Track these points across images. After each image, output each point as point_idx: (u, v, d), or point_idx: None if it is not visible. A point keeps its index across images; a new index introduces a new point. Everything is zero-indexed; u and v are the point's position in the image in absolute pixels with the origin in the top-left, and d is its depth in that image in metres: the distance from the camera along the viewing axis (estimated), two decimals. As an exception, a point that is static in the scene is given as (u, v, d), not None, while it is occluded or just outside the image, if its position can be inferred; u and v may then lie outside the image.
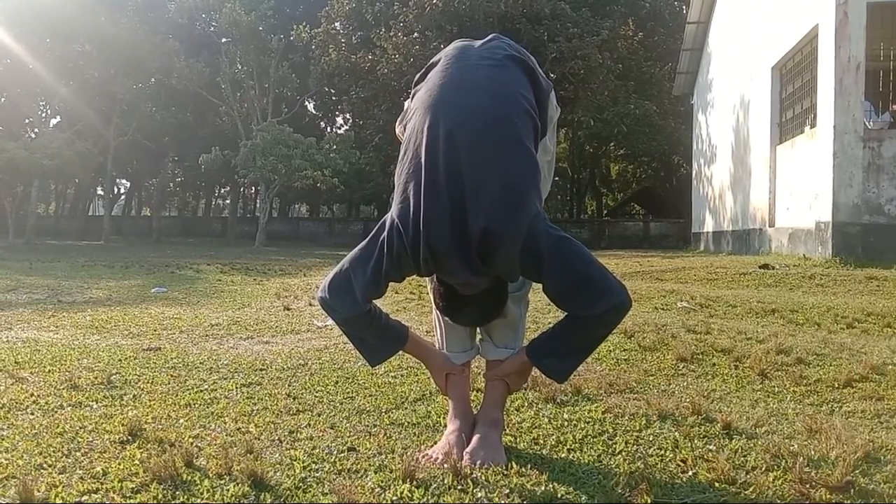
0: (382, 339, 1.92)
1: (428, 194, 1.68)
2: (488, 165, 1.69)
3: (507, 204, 1.66)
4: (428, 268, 1.73)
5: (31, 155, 19.96)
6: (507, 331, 2.04)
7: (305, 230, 34.28)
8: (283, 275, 9.52)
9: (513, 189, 1.68)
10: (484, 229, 1.64)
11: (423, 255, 1.69)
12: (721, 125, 16.63)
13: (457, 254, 1.67)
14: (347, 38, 29.62)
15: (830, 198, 9.13)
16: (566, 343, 1.80)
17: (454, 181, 1.67)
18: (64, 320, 4.79)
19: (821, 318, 4.72)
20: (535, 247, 1.66)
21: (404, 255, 1.72)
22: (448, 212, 1.66)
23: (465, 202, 1.66)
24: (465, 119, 1.75)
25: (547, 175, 2.06)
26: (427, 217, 1.67)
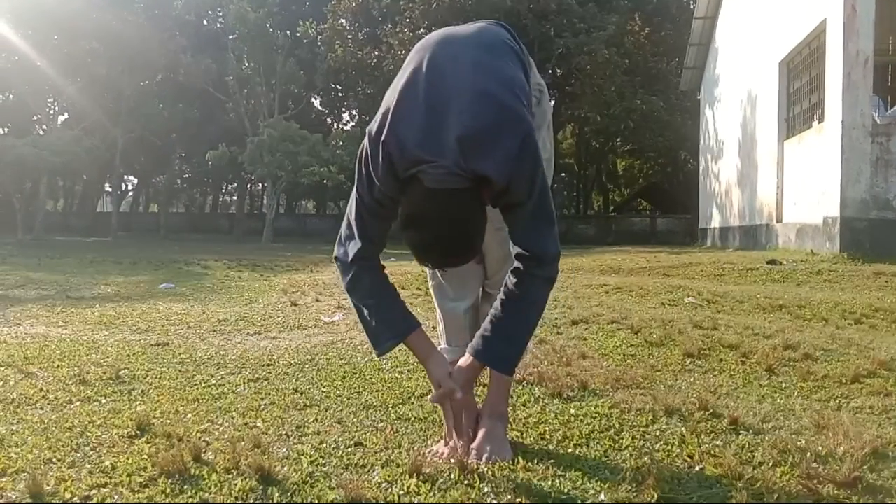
0: (385, 322, 1.86)
1: (403, 96, 1.69)
2: (470, 77, 1.68)
3: (491, 104, 1.65)
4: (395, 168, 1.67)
5: (40, 152, 20.05)
6: None
7: (312, 226, 34.32)
8: (291, 271, 9.54)
9: (495, 96, 1.67)
10: (463, 128, 1.62)
11: (392, 149, 1.65)
12: (728, 120, 16.56)
13: (430, 147, 1.63)
14: (354, 34, 29.64)
15: (838, 193, 9.09)
16: (504, 333, 1.77)
17: (433, 89, 1.67)
18: (73, 316, 4.81)
19: (828, 314, 4.70)
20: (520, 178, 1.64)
21: (375, 165, 1.70)
22: (423, 112, 1.65)
23: (445, 106, 1.64)
24: (449, 57, 1.75)
25: (546, 170, 2.06)
26: (398, 115, 1.67)
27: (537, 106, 1.95)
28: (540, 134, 1.97)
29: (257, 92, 26.20)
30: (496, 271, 2.08)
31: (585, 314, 4.37)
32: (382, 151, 1.68)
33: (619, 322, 4.04)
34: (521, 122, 1.66)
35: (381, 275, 1.87)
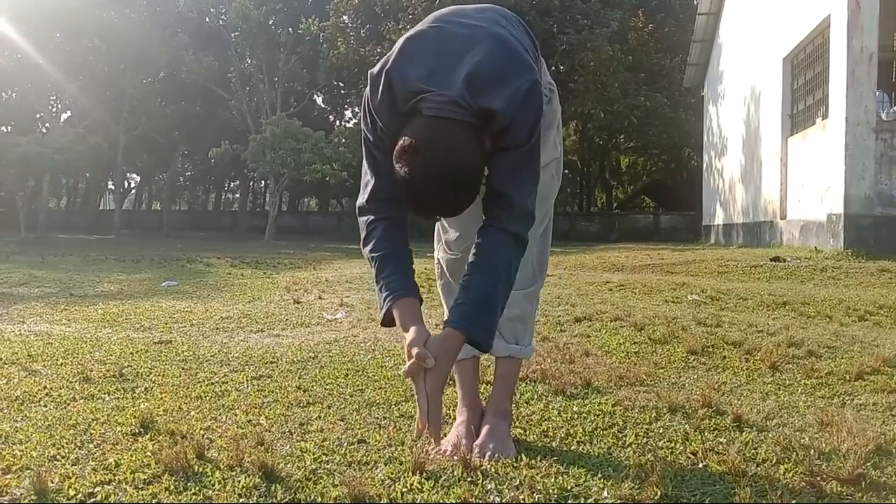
0: (386, 280, 1.74)
1: (409, 43, 1.70)
2: (483, 30, 1.70)
3: (505, 48, 1.66)
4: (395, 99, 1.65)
5: (42, 150, 20.08)
6: (517, 325, 2.03)
7: (315, 224, 34.33)
8: (293, 268, 9.55)
9: (509, 42, 1.68)
10: (474, 65, 1.61)
11: (394, 79, 1.64)
12: (732, 117, 16.53)
13: (435, 83, 1.60)
14: (356, 31, 29.62)
15: (842, 190, 9.07)
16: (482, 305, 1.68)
17: (444, 40, 1.68)
18: (76, 314, 4.82)
19: (832, 311, 4.69)
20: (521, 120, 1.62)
21: (375, 98, 1.69)
22: (431, 55, 1.65)
23: (454, 55, 1.64)
24: (460, 18, 1.76)
25: (555, 174, 2.05)
26: (403, 55, 1.67)
27: (548, 104, 1.94)
28: (550, 134, 1.97)
29: (259, 89, 26.23)
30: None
31: (588, 311, 4.37)
32: (384, 82, 1.66)
33: (623, 319, 4.04)
34: (531, 70, 1.66)
35: (397, 230, 1.80)
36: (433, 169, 1.54)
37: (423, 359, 1.57)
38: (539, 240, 2.05)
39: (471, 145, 1.59)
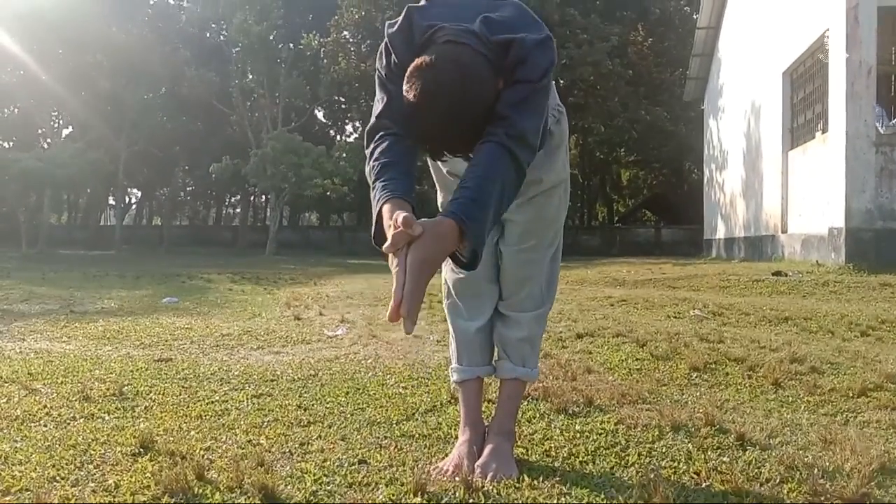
0: (389, 181, 1.62)
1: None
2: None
3: (520, 8, 1.70)
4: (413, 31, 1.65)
5: (44, 165, 20.17)
6: (525, 347, 2.02)
7: (316, 238, 34.32)
8: (294, 284, 9.54)
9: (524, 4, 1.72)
10: (489, 9, 1.65)
11: (413, 14, 1.66)
12: (732, 131, 16.56)
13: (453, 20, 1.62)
14: (357, 46, 29.78)
15: (843, 203, 9.06)
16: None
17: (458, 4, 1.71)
18: (76, 331, 4.82)
19: (834, 326, 4.68)
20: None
21: (392, 34, 1.70)
22: (455, 4, 1.69)
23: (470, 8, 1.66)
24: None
25: (563, 195, 2.04)
26: (428, 2, 1.71)
27: (556, 125, 1.94)
28: (559, 154, 1.97)
29: (261, 104, 26.33)
30: (513, 293, 2.03)
31: (590, 327, 4.36)
32: (403, 17, 1.67)
33: (625, 335, 4.03)
34: (547, 30, 1.67)
35: (405, 144, 1.68)
36: (442, 87, 1.49)
37: (409, 225, 1.38)
38: (549, 263, 2.05)
39: (483, 73, 1.55)
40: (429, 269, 1.42)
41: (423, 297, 1.42)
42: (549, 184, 1.96)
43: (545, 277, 2.03)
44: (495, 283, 2.05)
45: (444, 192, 2.09)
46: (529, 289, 2.01)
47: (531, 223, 1.97)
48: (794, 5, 11.49)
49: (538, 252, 2.00)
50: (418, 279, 1.39)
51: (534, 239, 1.98)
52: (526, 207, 1.95)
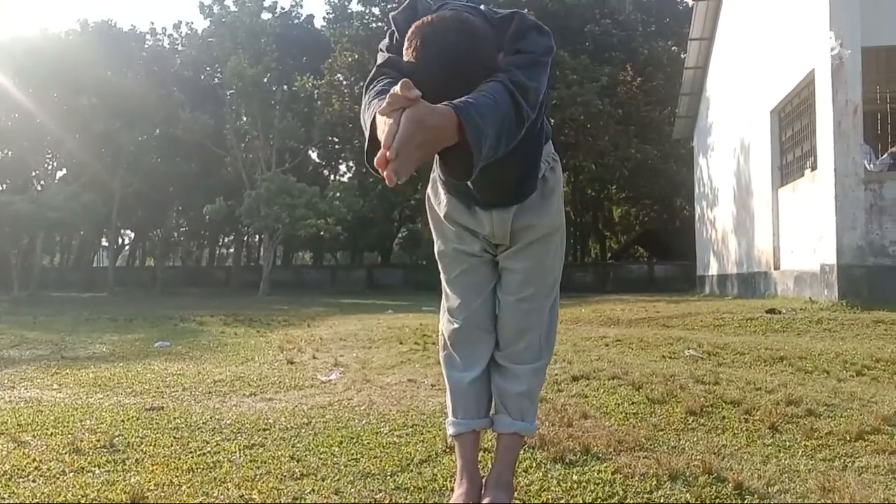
0: (376, 104, 1.56)
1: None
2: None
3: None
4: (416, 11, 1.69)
5: (38, 208, 20.15)
6: (524, 401, 2.00)
7: (309, 278, 34.27)
8: (287, 325, 9.49)
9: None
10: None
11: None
12: (722, 168, 16.72)
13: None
14: (350, 88, 30.12)
15: (834, 240, 9.11)
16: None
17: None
18: (67, 378, 4.76)
19: (830, 366, 4.67)
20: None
21: (396, 16, 1.73)
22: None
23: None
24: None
25: (560, 243, 2.03)
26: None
27: (550, 171, 1.96)
28: (553, 199, 1.97)
29: (255, 146, 26.49)
30: (512, 343, 2.02)
31: (586, 369, 4.33)
32: (409, 3, 1.73)
33: (620, 377, 4.01)
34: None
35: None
36: (442, 42, 1.50)
37: (408, 88, 1.30)
38: (549, 312, 2.04)
39: (483, 34, 1.57)
40: (422, 134, 1.30)
41: (413, 160, 1.30)
42: (544, 230, 1.96)
43: (545, 328, 2.03)
44: (491, 332, 2.04)
45: (440, 240, 2.08)
46: (529, 339, 1.99)
47: (530, 272, 1.97)
48: (779, 45, 11.70)
49: (538, 301, 2.00)
50: (411, 135, 1.28)
51: (533, 287, 1.98)
52: (524, 254, 1.96)
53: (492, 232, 1.95)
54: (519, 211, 1.92)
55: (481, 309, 2.02)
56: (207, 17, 29.78)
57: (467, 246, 1.99)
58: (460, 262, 2.01)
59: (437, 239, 2.09)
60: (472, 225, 1.96)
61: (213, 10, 29.77)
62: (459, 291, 2.03)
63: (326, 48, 30.61)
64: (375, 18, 30.36)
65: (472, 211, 1.95)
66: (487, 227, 1.94)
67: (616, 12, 27.85)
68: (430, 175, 2.09)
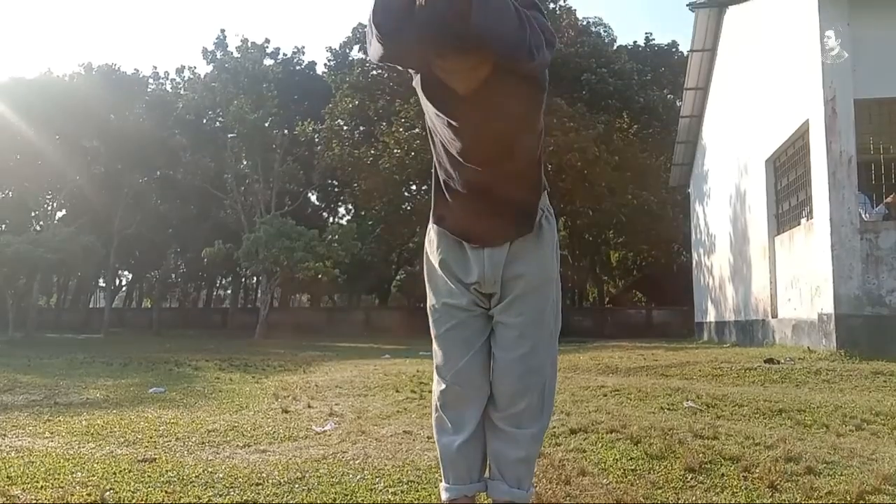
0: None
1: None
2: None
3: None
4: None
5: (35, 249, 20.15)
6: (521, 468, 1.96)
7: (306, 320, 34.14)
8: (282, 371, 9.42)
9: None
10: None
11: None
12: (718, 216, 16.83)
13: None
14: (350, 132, 30.46)
15: (831, 289, 9.13)
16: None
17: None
18: (60, 425, 4.71)
19: (829, 419, 4.63)
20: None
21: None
22: None
23: None
24: None
25: (557, 296, 2.03)
26: None
27: (546, 221, 1.98)
28: (547, 249, 1.97)
29: (254, 189, 26.63)
30: (511, 404, 1.97)
31: (584, 422, 4.29)
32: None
33: (619, 431, 3.97)
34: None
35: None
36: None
37: None
38: (548, 370, 2.00)
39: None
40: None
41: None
42: (537, 281, 1.95)
43: (544, 387, 1.99)
44: (481, 390, 1.99)
45: (432, 294, 2.06)
46: (528, 400, 1.96)
47: (526, 326, 1.95)
48: (774, 96, 11.88)
49: (536, 358, 1.96)
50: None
51: (530, 342, 1.95)
52: (519, 307, 1.93)
53: (482, 276, 1.92)
54: (511, 256, 1.91)
55: (470, 366, 1.98)
56: (210, 63, 30.27)
57: (457, 300, 1.97)
58: (449, 318, 1.99)
59: (430, 293, 2.08)
60: (464, 273, 1.95)
61: (215, 55, 30.28)
62: (448, 348, 2.01)
63: (327, 93, 31.03)
64: (375, 66, 30.82)
65: (465, 255, 1.94)
66: (478, 271, 1.93)
67: (612, 62, 28.33)
68: (428, 226, 2.09)
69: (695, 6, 15.29)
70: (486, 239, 1.93)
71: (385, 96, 29.40)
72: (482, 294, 1.97)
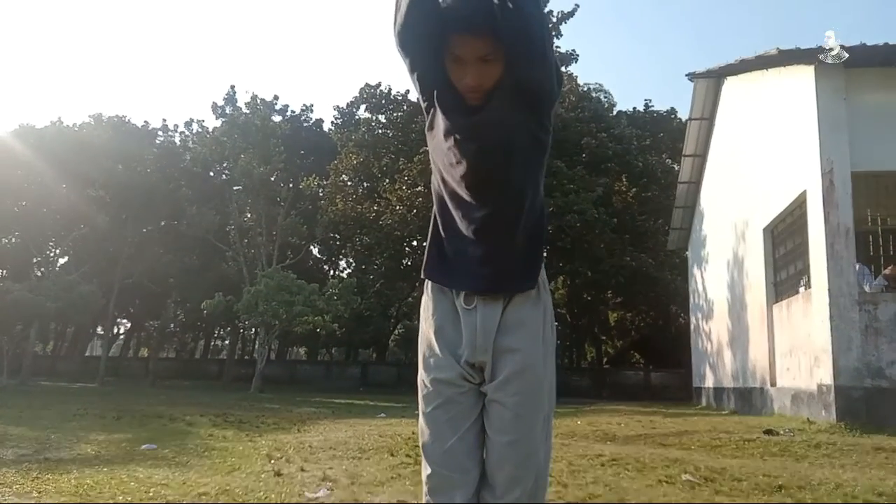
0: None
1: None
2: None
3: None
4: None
5: (36, 297, 20.15)
6: None
7: (303, 373, 33.91)
8: (277, 429, 9.31)
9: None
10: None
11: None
12: (716, 280, 16.85)
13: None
14: (354, 188, 30.83)
15: (831, 361, 9.09)
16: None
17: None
18: (48, 483, 4.65)
19: (830, 498, 4.57)
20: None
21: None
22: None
23: None
24: None
25: (551, 378, 2.01)
26: None
27: (545, 291, 1.96)
28: (542, 323, 1.95)
29: (257, 242, 26.73)
30: (506, 491, 1.89)
31: (581, 494, 4.24)
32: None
33: (614, 506, 3.92)
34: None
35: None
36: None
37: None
38: (544, 449, 1.94)
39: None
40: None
41: None
42: (534, 356, 1.89)
43: (541, 470, 1.93)
44: (470, 473, 1.85)
45: (422, 367, 2.00)
46: (524, 486, 1.89)
47: (522, 406, 1.87)
48: (772, 165, 12.03)
49: (532, 442, 1.89)
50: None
51: (526, 424, 1.87)
52: (513, 385, 1.87)
53: (473, 342, 1.88)
54: (506, 323, 1.87)
55: (458, 449, 1.90)
56: (220, 117, 30.79)
57: (446, 374, 1.91)
58: (437, 395, 1.92)
59: (420, 365, 2.00)
60: (456, 342, 1.91)
61: (225, 110, 30.82)
62: (434, 428, 1.93)
63: (333, 150, 31.52)
64: (381, 125, 31.40)
65: (458, 321, 1.92)
66: (469, 337, 1.88)
67: (612, 127, 28.84)
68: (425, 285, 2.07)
69: (694, 76, 15.63)
70: (483, 286, 1.88)
71: (389, 154, 29.83)
72: (472, 366, 1.93)
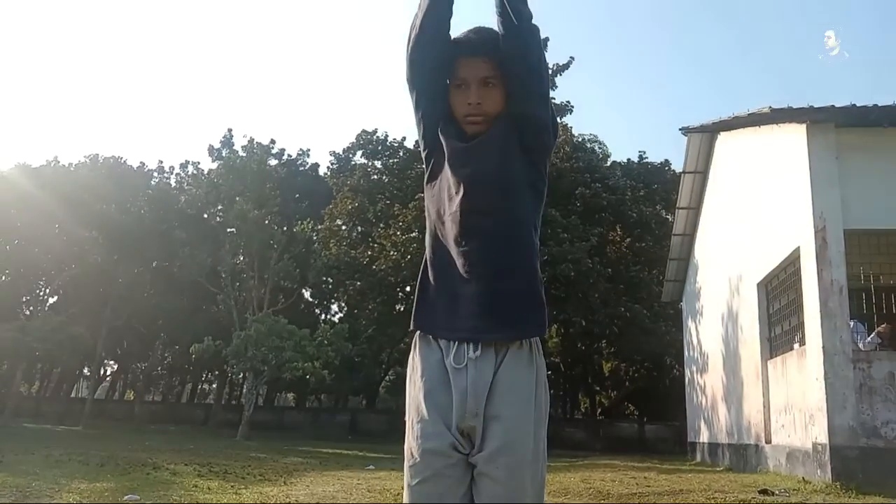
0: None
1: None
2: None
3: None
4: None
5: (23, 338, 19.95)
6: None
7: (290, 420, 33.47)
8: (262, 481, 9.12)
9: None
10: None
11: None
12: (711, 334, 16.81)
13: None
14: (348, 233, 30.90)
15: (825, 419, 9.00)
16: None
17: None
18: (26, 540, 4.51)
19: (827, 567, 4.47)
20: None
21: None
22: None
23: None
24: None
25: (542, 457, 1.97)
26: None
27: (538, 355, 1.92)
28: (535, 390, 1.91)
29: (249, 285, 26.58)
30: None
31: (572, 561, 4.13)
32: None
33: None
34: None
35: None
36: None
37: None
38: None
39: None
40: None
41: None
42: (526, 425, 1.84)
43: None
44: None
45: (410, 436, 1.94)
46: None
47: (513, 479, 1.79)
48: (766, 220, 12.10)
49: None
50: None
51: (516, 498, 1.82)
52: (504, 457, 1.81)
53: (463, 402, 1.82)
54: (497, 384, 1.83)
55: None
56: (216, 160, 30.94)
57: (434, 443, 1.83)
58: (426, 467, 1.85)
59: (409, 432, 1.92)
60: (446, 403, 1.87)
61: (221, 153, 31.01)
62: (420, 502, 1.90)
63: (328, 195, 31.66)
64: (377, 171, 31.65)
65: (448, 382, 1.87)
66: (459, 396, 1.83)
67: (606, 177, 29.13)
68: (413, 339, 2.03)
69: (687, 131, 15.84)
70: (474, 331, 1.84)
71: (384, 200, 29.98)
72: (461, 432, 1.88)
